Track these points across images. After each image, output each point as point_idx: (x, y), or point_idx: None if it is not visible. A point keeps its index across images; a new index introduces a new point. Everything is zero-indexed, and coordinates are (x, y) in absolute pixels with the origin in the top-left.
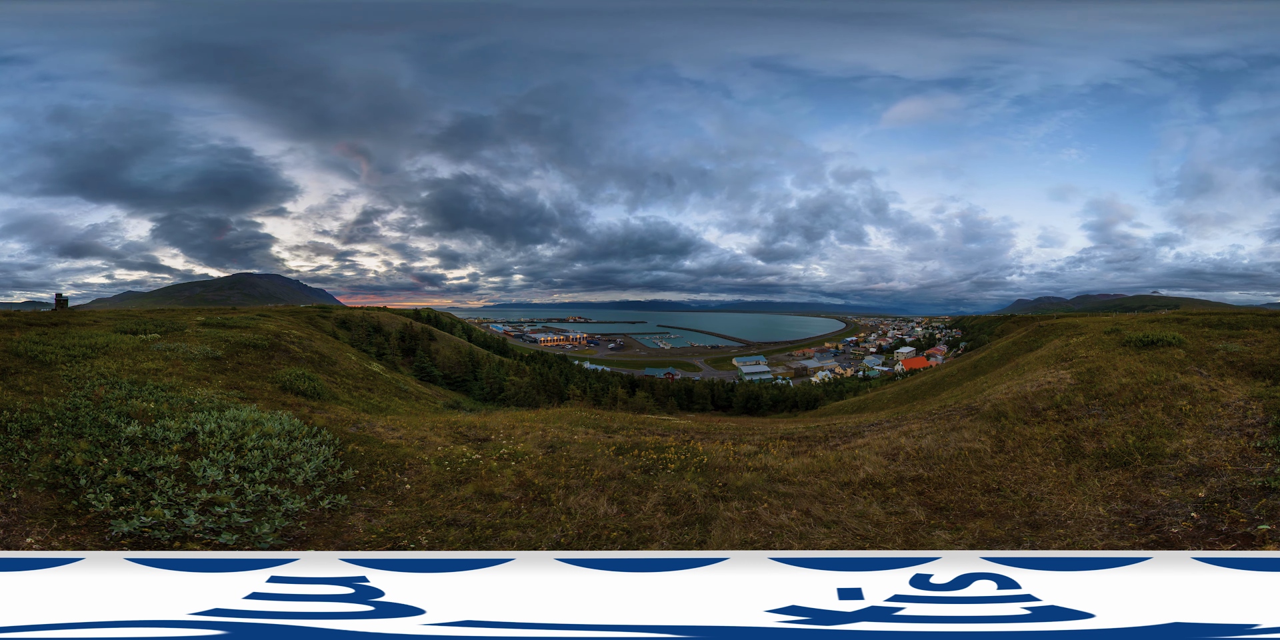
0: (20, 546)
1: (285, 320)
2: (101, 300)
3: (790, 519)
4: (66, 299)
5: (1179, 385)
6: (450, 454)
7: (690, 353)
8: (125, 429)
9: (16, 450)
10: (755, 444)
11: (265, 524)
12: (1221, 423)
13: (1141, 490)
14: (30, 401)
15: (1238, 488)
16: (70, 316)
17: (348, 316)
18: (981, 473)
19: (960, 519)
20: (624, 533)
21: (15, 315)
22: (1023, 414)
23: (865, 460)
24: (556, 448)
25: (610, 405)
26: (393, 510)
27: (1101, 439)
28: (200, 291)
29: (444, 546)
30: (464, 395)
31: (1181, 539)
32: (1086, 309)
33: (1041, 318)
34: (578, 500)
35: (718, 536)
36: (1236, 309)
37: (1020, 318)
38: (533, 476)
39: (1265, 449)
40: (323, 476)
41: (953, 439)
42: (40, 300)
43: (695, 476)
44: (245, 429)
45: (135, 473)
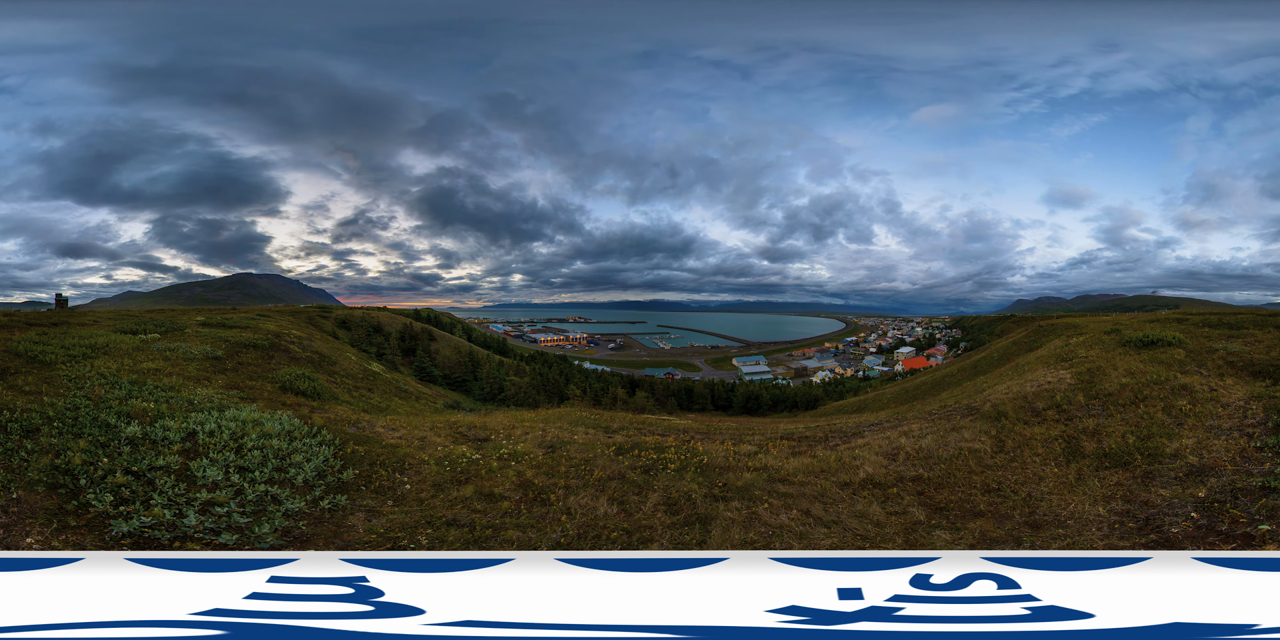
0: (20, 546)
1: (285, 320)
2: (101, 300)
3: (790, 519)
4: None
5: (1179, 385)
6: (450, 454)
7: (690, 353)
8: (125, 429)
9: (16, 450)
10: (755, 444)
11: (265, 524)
12: (1221, 423)
13: (1141, 490)
14: (30, 401)
15: (1238, 488)
16: (70, 316)
17: (348, 316)
18: (981, 473)
19: (960, 519)
20: (624, 533)
21: (15, 315)
22: (1023, 414)
23: (865, 460)
24: (556, 448)
25: (610, 405)
26: (393, 510)
27: (1101, 439)
28: (200, 291)
29: (444, 546)
30: (464, 395)
31: (1181, 539)
32: (1086, 309)
33: (1041, 318)
34: (578, 500)
35: (718, 536)
36: (1236, 309)
37: (1020, 318)
38: (533, 476)
39: (1265, 449)
40: (323, 476)
41: (953, 439)
42: (40, 300)
43: (695, 476)
44: (245, 429)
45: (135, 473)
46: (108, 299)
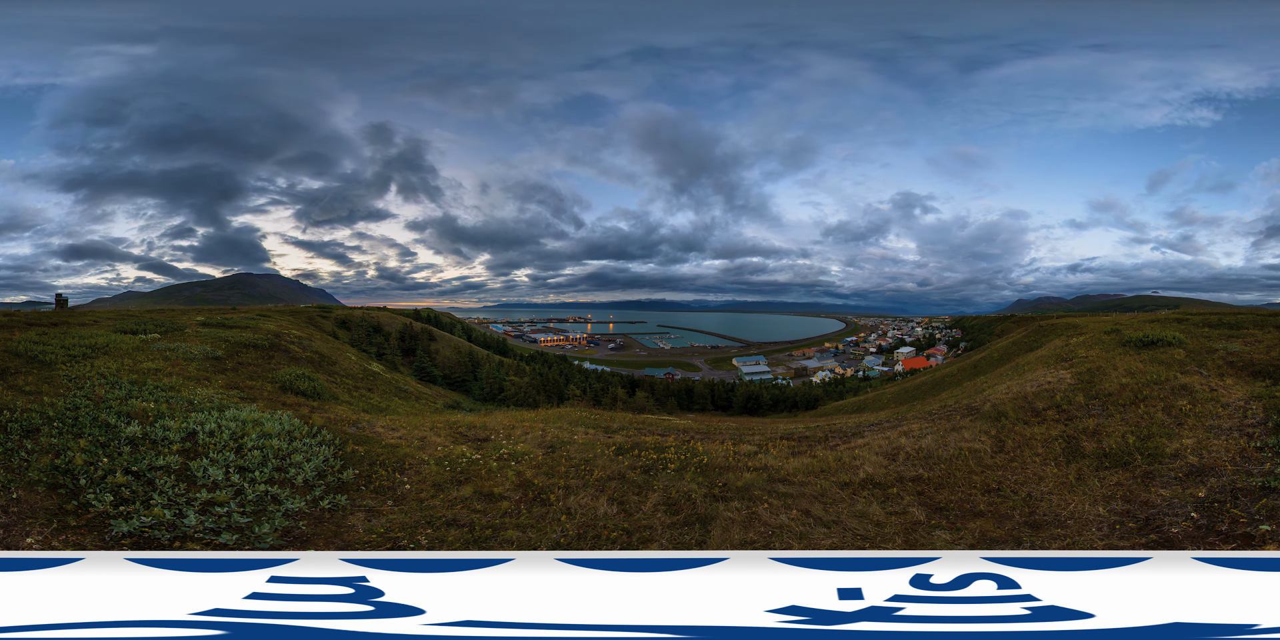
0: (20, 546)
1: (285, 320)
2: (101, 300)
3: (790, 519)
4: (66, 299)
5: (1179, 385)
6: (450, 454)
7: (690, 353)
8: (125, 429)
9: (16, 450)
10: (755, 444)
11: (265, 524)
12: (1221, 423)
13: (1141, 490)
14: (30, 401)
15: (1238, 488)
16: (70, 316)
17: (347, 316)
18: (981, 473)
19: (960, 519)
20: (624, 533)
21: (15, 315)
22: (1023, 414)
23: (865, 460)
24: (556, 448)
25: (610, 405)
26: (392, 510)
27: (1101, 439)
28: (200, 291)
29: (444, 546)
30: (464, 395)
31: (1181, 539)
32: (1086, 309)
33: (1041, 318)
34: (578, 500)
35: (718, 536)
36: (1236, 309)
37: (1020, 318)
38: (532, 476)
39: (1265, 449)
40: (323, 476)
41: (953, 439)
42: (40, 300)
43: (695, 476)
44: (245, 429)
45: (135, 473)
46: (108, 299)
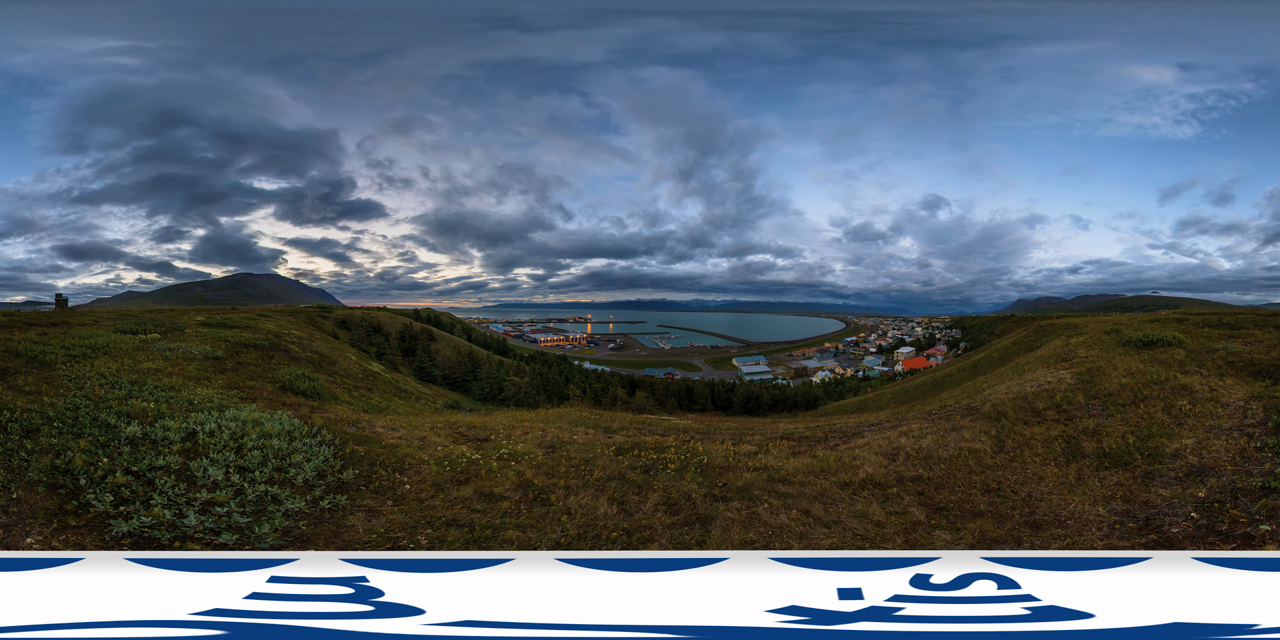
0: (20, 546)
1: (285, 320)
2: (101, 300)
3: (790, 519)
4: (66, 299)
5: (1179, 385)
6: (450, 454)
7: (690, 353)
8: (125, 429)
9: (16, 450)
10: (755, 444)
11: (265, 524)
12: (1221, 423)
13: (1141, 490)
14: (30, 401)
15: (1238, 488)
16: (70, 316)
17: (347, 316)
18: (981, 473)
19: (960, 519)
20: (624, 533)
21: (15, 315)
22: (1023, 414)
23: (865, 460)
24: (556, 448)
25: (610, 405)
26: (392, 510)
27: (1101, 439)
28: (200, 291)
29: (444, 546)
30: (464, 395)
31: (1181, 539)
32: (1086, 309)
33: (1041, 318)
34: (578, 500)
35: (718, 536)
36: (1236, 309)
37: (1020, 318)
38: (533, 476)
39: (1265, 449)
40: (323, 476)
41: (953, 439)
42: (40, 300)
43: (695, 476)
44: (245, 429)
45: (135, 473)
46: (108, 299)
